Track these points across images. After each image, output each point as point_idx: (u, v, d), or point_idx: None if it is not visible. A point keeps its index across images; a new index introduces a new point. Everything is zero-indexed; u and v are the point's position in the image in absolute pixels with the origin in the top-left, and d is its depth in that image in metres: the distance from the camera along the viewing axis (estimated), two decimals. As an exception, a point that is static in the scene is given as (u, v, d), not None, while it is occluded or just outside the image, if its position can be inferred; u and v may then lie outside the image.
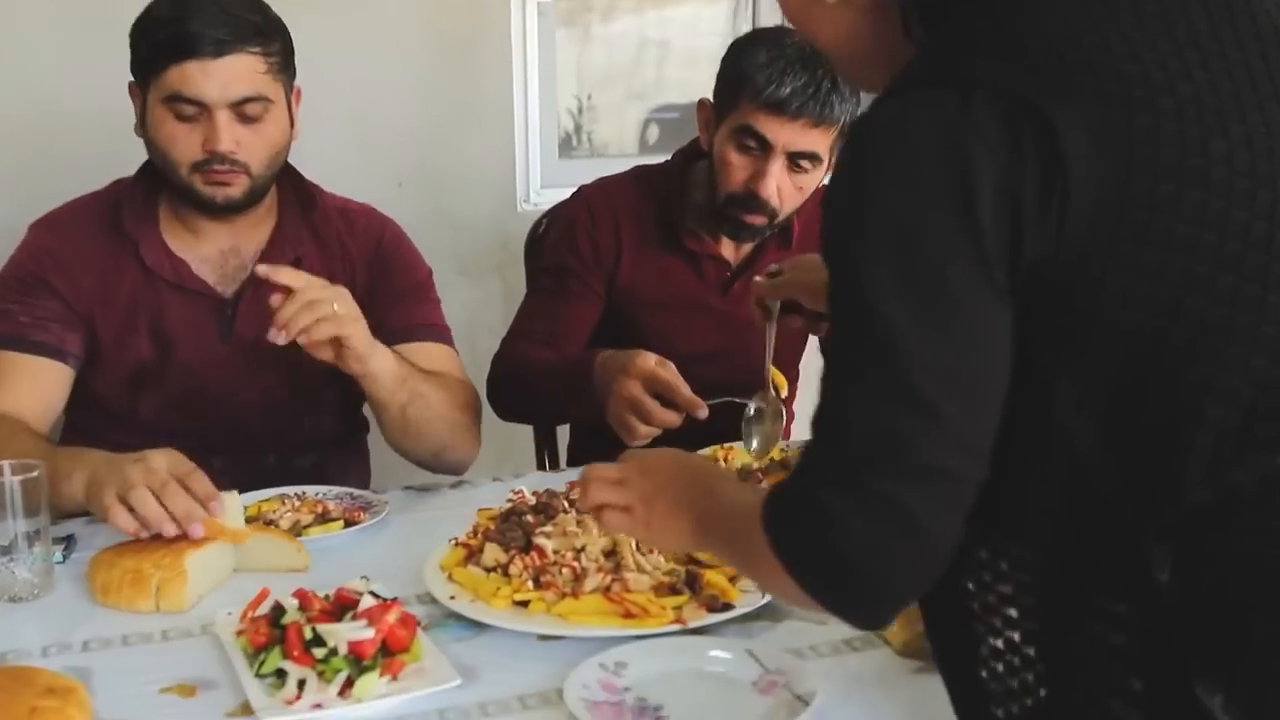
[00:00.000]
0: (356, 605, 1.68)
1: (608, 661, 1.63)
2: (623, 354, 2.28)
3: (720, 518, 1.41)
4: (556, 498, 1.96)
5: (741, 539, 1.30)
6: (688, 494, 1.47)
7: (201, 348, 2.26)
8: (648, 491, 1.50)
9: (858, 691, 1.59)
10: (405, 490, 2.31)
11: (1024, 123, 1.10)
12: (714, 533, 1.43)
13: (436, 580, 1.84)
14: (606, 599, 1.73)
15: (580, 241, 2.58)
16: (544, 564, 1.78)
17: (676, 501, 1.48)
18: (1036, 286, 1.13)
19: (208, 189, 2.18)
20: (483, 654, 1.71)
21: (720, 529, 1.41)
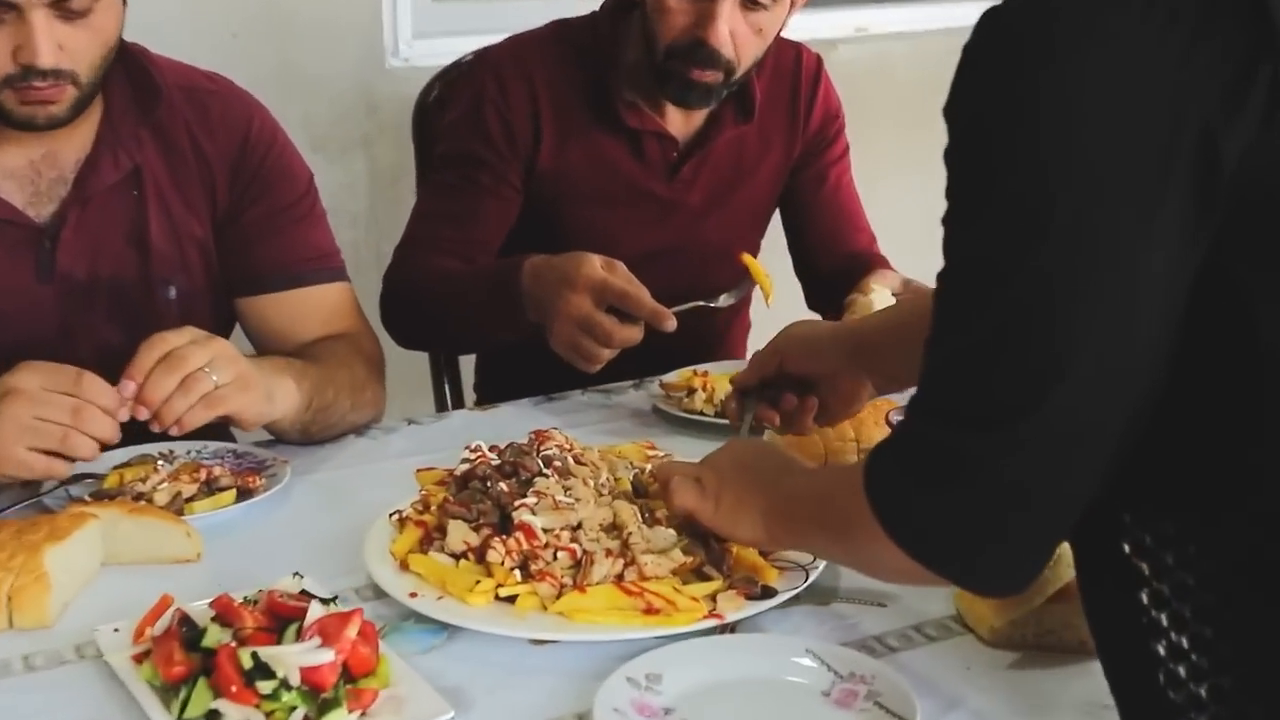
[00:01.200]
0: (302, 616, 1.34)
1: (637, 675, 1.35)
2: (561, 260, 1.97)
3: (796, 499, 1.40)
4: (527, 456, 1.63)
5: (830, 515, 1.30)
6: (754, 480, 1.47)
7: (13, 292, 1.85)
8: (725, 466, 1.50)
9: (948, 693, 1.34)
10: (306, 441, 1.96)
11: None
12: (790, 517, 1.41)
13: (386, 571, 1.51)
14: (620, 590, 1.43)
15: (489, 122, 2.23)
16: (533, 548, 1.46)
17: (744, 490, 1.46)
18: (1238, 201, 1.05)
19: (24, 109, 1.77)
20: (465, 668, 1.40)
21: (798, 511, 1.40)
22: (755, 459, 1.51)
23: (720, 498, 1.46)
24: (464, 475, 1.63)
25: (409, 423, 2.09)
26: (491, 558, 1.47)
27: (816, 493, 1.36)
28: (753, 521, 1.42)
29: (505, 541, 1.48)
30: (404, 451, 1.96)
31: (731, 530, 1.46)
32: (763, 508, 1.42)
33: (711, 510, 1.46)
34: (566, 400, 2.17)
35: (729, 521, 1.45)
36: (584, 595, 1.43)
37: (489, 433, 2.00)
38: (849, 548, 1.29)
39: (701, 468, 1.51)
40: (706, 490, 1.47)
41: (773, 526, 1.41)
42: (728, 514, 1.45)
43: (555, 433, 1.72)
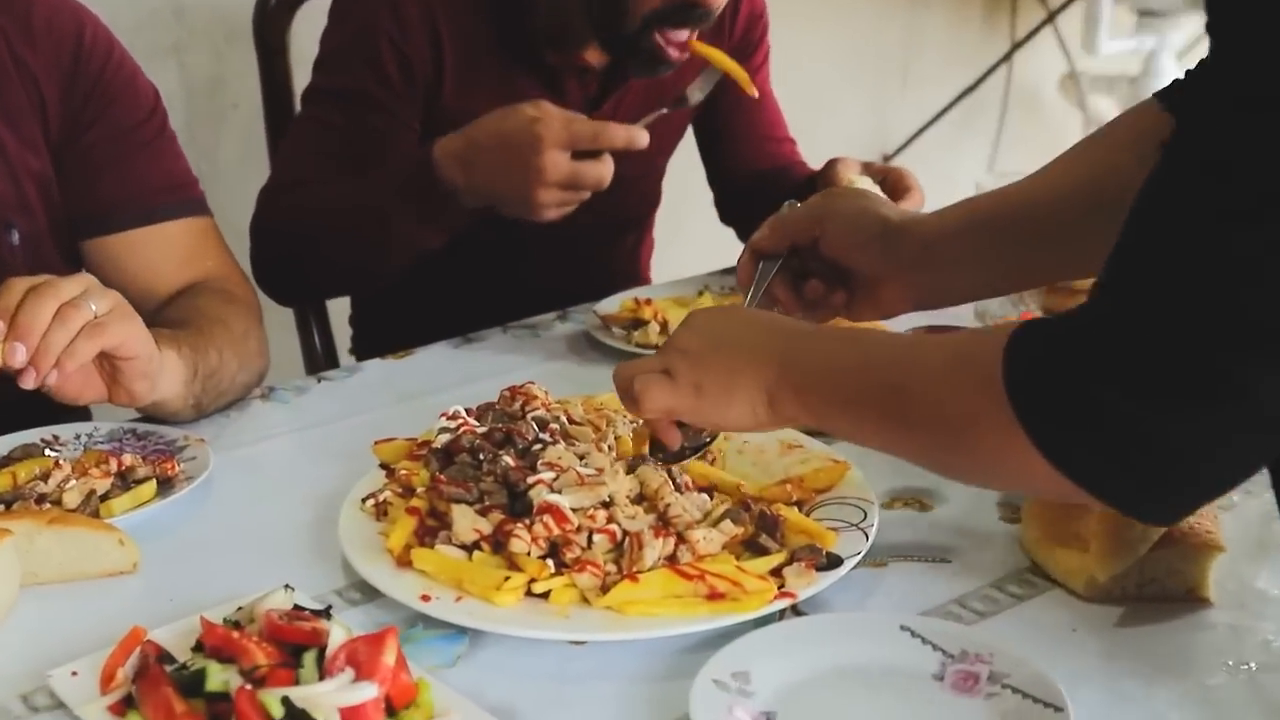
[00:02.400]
0: (318, 642, 1.16)
1: (722, 675, 1.20)
2: (500, 127, 1.79)
3: (841, 371, 1.22)
4: (520, 421, 1.46)
5: (914, 402, 1.15)
6: (749, 350, 1.27)
7: None
8: (696, 345, 1.28)
9: (1068, 663, 1.23)
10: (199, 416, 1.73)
11: None
12: (829, 392, 1.23)
13: (384, 571, 1.33)
14: (676, 574, 1.28)
15: (383, 57, 2.00)
16: (565, 532, 1.30)
17: (735, 364, 1.27)
18: None
19: None
20: (505, 681, 1.25)
21: (845, 386, 1.22)
22: (741, 326, 1.30)
23: (701, 382, 1.26)
24: (447, 448, 1.45)
25: (319, 379, 1.89)
26: (515, 547, 1.30)
27: (884, 368, 1.18)
28: (751, 399, 1.24)
29: (529, 527, 1.31)
30: (329, 415, 1.77)
31: (723, 416, 1.27)
32: (769, 381, 1.23)
33: (692, 399, 1.26)
34: (488, 340, 2.00)
35: (718, 406, 1.26)
36: (636, 584, 1.28)
37: (415, 383, 1.84)
38: (944, 443, 1.14)
39: (665, 355, 1.30)
40: (679, 379, 1.27)
41: (787, 403, 1.23)
42: (716, 398, 1.26)
43: (533, 387, 1.55)
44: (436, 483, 1.39)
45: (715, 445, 1.54)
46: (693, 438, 1.37)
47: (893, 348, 1.23)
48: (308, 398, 1.82)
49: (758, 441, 1.58)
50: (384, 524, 1.42)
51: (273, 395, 1.81)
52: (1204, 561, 1.33)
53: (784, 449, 1.56)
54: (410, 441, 1.54)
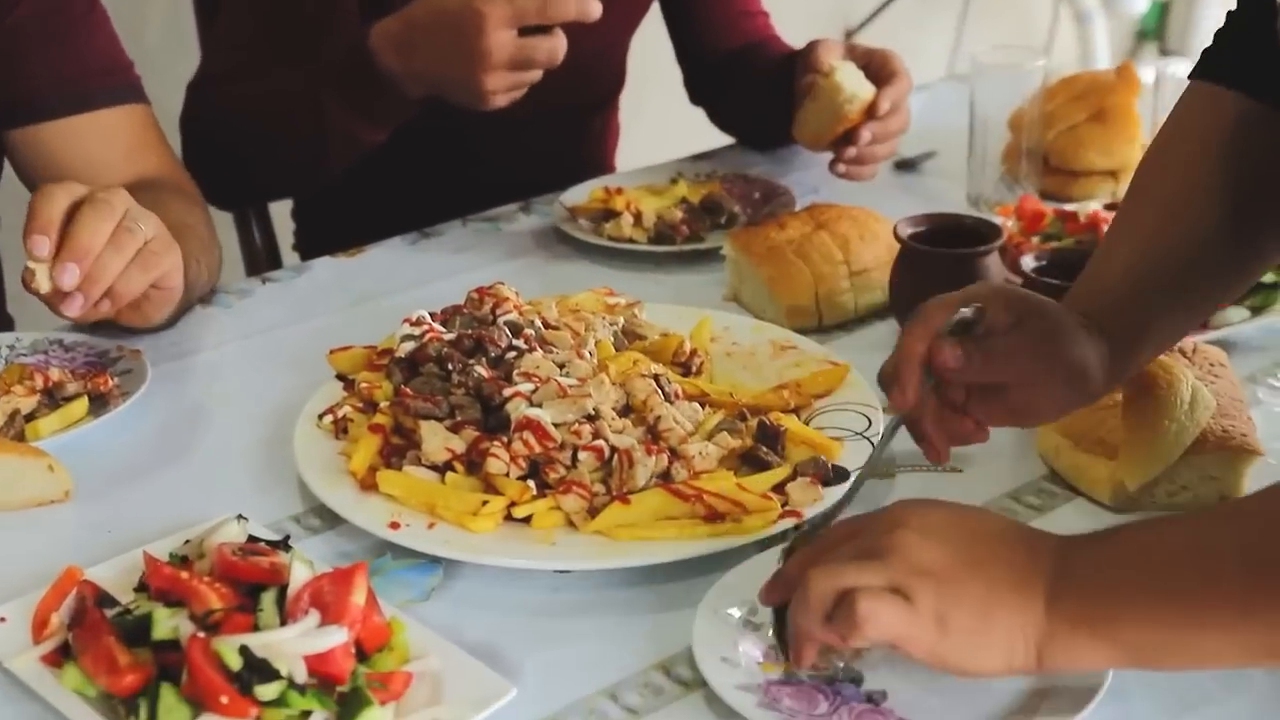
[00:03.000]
0: (279, 581, 1.06)
1: (727, 606, 1.11)
2: (442, 9, 1.66)
3: (1148, 566, 0.96)
4: (492, 326, 1.36)
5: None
6: (1022, 551, 1.00)
7: None
8: (942, 562, 0.99)
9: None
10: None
11: None
12: (1131, 607, 0.96)
13: (346, 496, 1.24)
14: (671, 494, 1.19)
15: None
16: (547, 450, 1.20)
17: (1003, 574, 0.99)
18: None
19: None
20: (486, 617, 1.16)
21: (1163, 587, 0.95)
22: (994, 538, 1.01)
23: (948, 616, 0.97)
24: (411, 357, 1.34)
25: (264, 280, 1.77)
26: (493, 468, 1.20)
27: (1230, 547, 0.94)
28: (1010, 640, 0.97)
29: (507, 445, 1.21)
30: (276, 320, 1.65)
31: (970, 661, 0.98)
32: (1037, 615, 0.97)
33: (932, 634, 0.97)
34: (447, 235, 1.88)
35: (966, 648, 0.97)
36: (627, 507, 1.18)
37: (369, 283, 1.74)
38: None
39: (893, 567, 0.98)
40: (920, 605, 0.97)
41: (1067, 640, 0.96)
42: (965, 638, 0.97)
43: (503, 288, 1.45)
44: (402, 396, 1.29)
45: (701, 348, 1.45)
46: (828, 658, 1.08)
47: (1224, 519, 0.98)
48: (251, 302, 1.71)
49: (748, 344, 1.48)
50: (344, 443, 1.32)
51: (214, 300, 1.70)
52: (1240, 467, 1.25)
53: (776, 350, 1.47)
54: (369, 350, 1.43)
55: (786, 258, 1.59)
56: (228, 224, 2.18)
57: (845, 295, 1.59)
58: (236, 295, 1.72)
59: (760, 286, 1.60)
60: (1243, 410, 1.30)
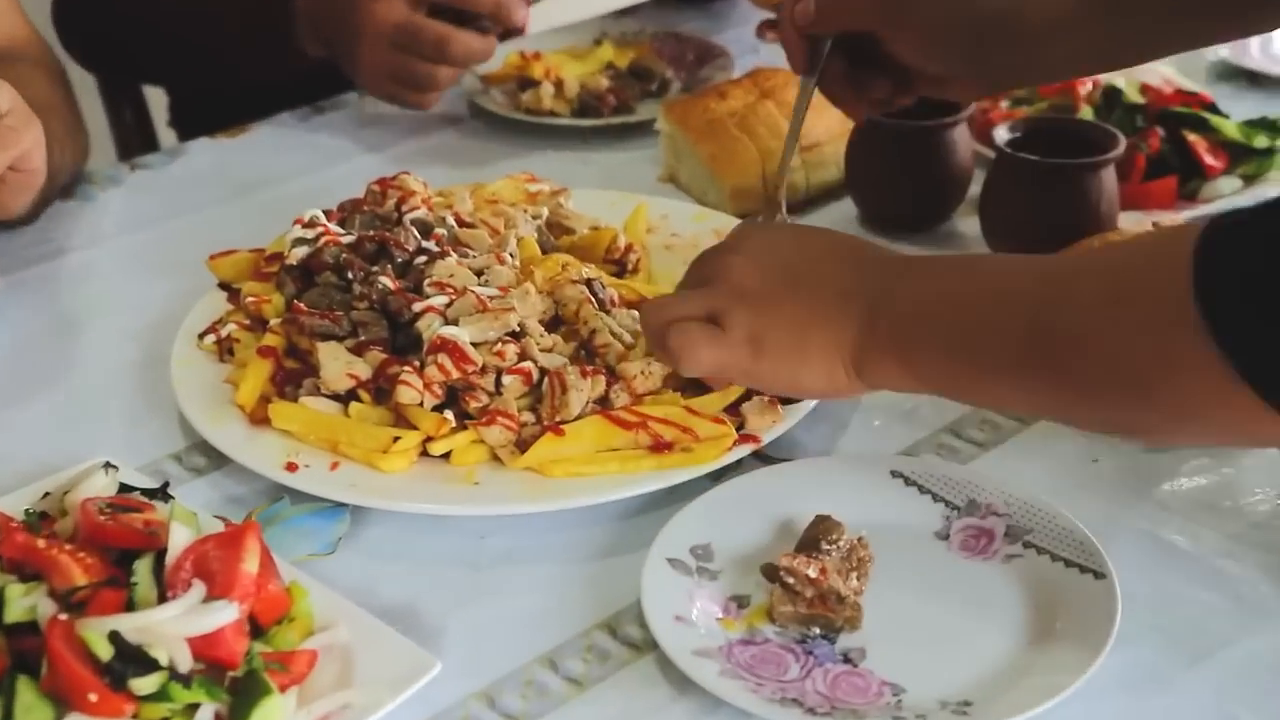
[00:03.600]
0: (159, 543, 0.93)
1: (678, 552, 0.99)
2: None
3: (951, 308, 0.95)
4: (397, 227, 1.21)
5: (1072, 337, 0.87)
6: (844, 273, 1.01)
7: None
8: (755, 284, 1.01)
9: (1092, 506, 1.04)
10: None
11: None
12: (930, 340, 0.96)
13: (233, 433, 1.09)
14: (611, 422, 1.06)
15: None
16: (466, 375, 1.06)
17: (818, 294, 1.00)
18: None
19: None
20: (401, 571, 1.03)
21: (961, 331, 0.95)
22: (817, 257, 1.02)
23: (762, 336, 0.99)
24: (305, 264, 1.19)
25: (133, 167, 1.60)
26: (404, 397, 1.06)
27: (1023, 305, 0.91)
28: (828, 358, 0.98)
29: (419, 370, 1.07)
30: (148, 216, 1.50)
31: (789, 380, 1.01)
32: (853, 335, 0.97)
33: (748, 358, 0.99)
34: (343, 110, 1.72)
35: (784, 368, 0.99)
36: (561, 438, 1.05)
37: (255, 168, 1.60)
38: (1121, 400, 0.87)
39: (712, 294, 1.01)
40: (733, 330, 0.99)
41: (879, 363, 0.97)
42: (781, 358, 0.99)
43: (409, 179, 1.30)
44: (295, 313, 1.14)
45: (636, 241, 1.31)
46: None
47: (1030, 275, 0.94)
48: (120, 193, 1.54)
49: (690, 234, 1.35)
50: (230, 366, 1.17)
51: (76, 192, 1.53)
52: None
53: (721, 241, 1.33)
54: (256, 254, 1.28)
55: (729, 133, 1.44)
56: (91, 92, 1.99)
57: (797, 174, 1.45)
58: (101, 185, 1.55)
59: (700, 166, 1.45)
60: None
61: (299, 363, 1.14)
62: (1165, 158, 1.42)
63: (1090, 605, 0.93)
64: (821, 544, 0.96)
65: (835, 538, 0.97)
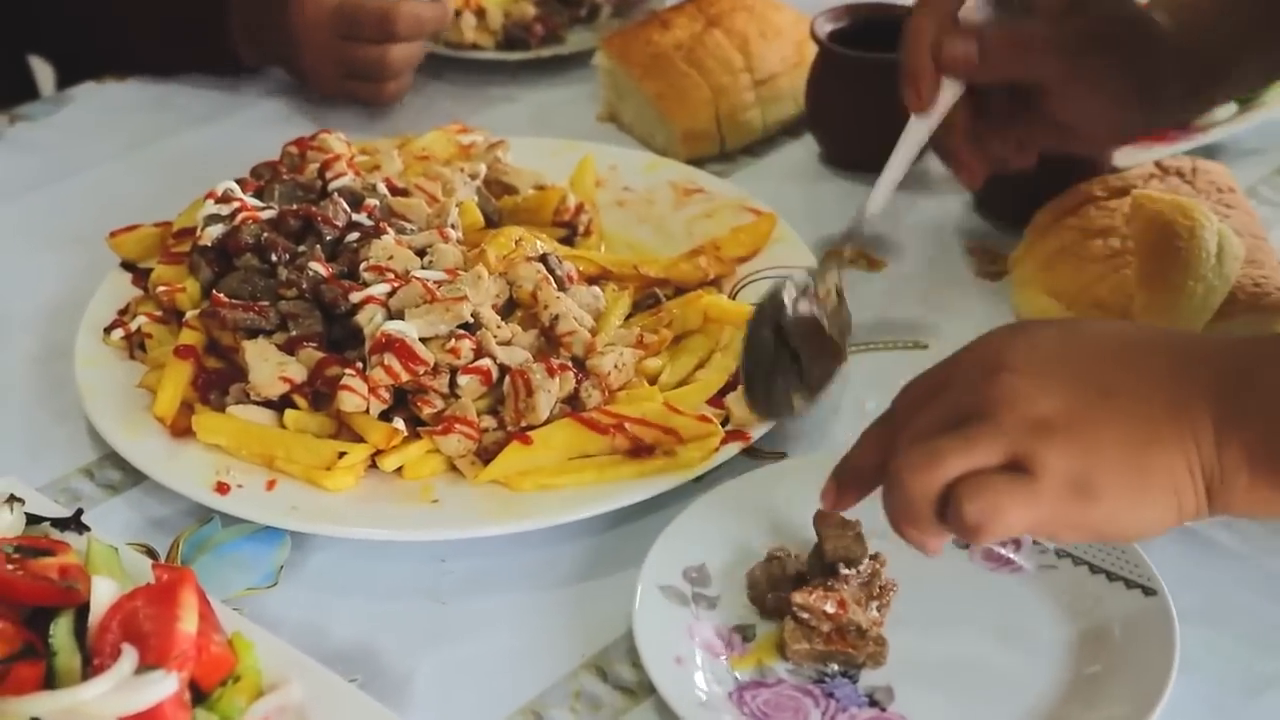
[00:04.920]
0: (76, 601, 0.83)
1: (670, 578, 0.90)
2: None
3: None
4: (326, 200, 1.09)
5: None
6: (1171, 365, 0.78)
7: None
8: (1063, 404, 0.76)
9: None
10: None
11: None
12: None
13: (152, 448, 0.98)
14: (582, 425, 0.96)
15: None
16: (417, 378, 0.96)
17: (1147, 399, 0.77)
18: None
19: None
20: (352, 606, 0.94)
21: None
22: (1122, 350, 0.79)
23: (1087, 476, 0.75)
24: (221, 245, 1.08)
25: (12, 120, 1.46)
26: (347, 404, 0.95)
27: None
28: (1176, 485, 0.75)
29: (362, 373, 0.96)
30: (31, 178, 1.37)
31: (1137, 525, 0.77)
32: (1205, 445, 0.76)
33: (1077, 508, 0.75)
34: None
35: (1128, 513, 0.76)
36: (529, 447, 0.95)
37: (149, 118, 1.45)
38: None
39: (992, 431, 0.76)
40: (1046, 477, 0.75)
41: (1243, 483, 0.75)
42: (1120, 499, 0.75)
43: (330, 139, 1.18)
44: (215, 304, 1.02)
45: (586, 199, 1.20)
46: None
47: None
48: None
49: (642, 188, 1.25)
50: (141, 365, 1.06)
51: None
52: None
53: (679, 196, 1.24)
54: (162, 229, 1.16)
55: (676, 68, 1.34)
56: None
57: (751, 111, 1.35)
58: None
59: (646, 106, 1.35)
60: (1270, 253, 1.10)
61: (221, 361, 1.03)
62: (1155, 86, 1.33)
63: (1142, 630, 0.85)
64: (839, 568, 0.87)
65: (854, 559, 0.88)
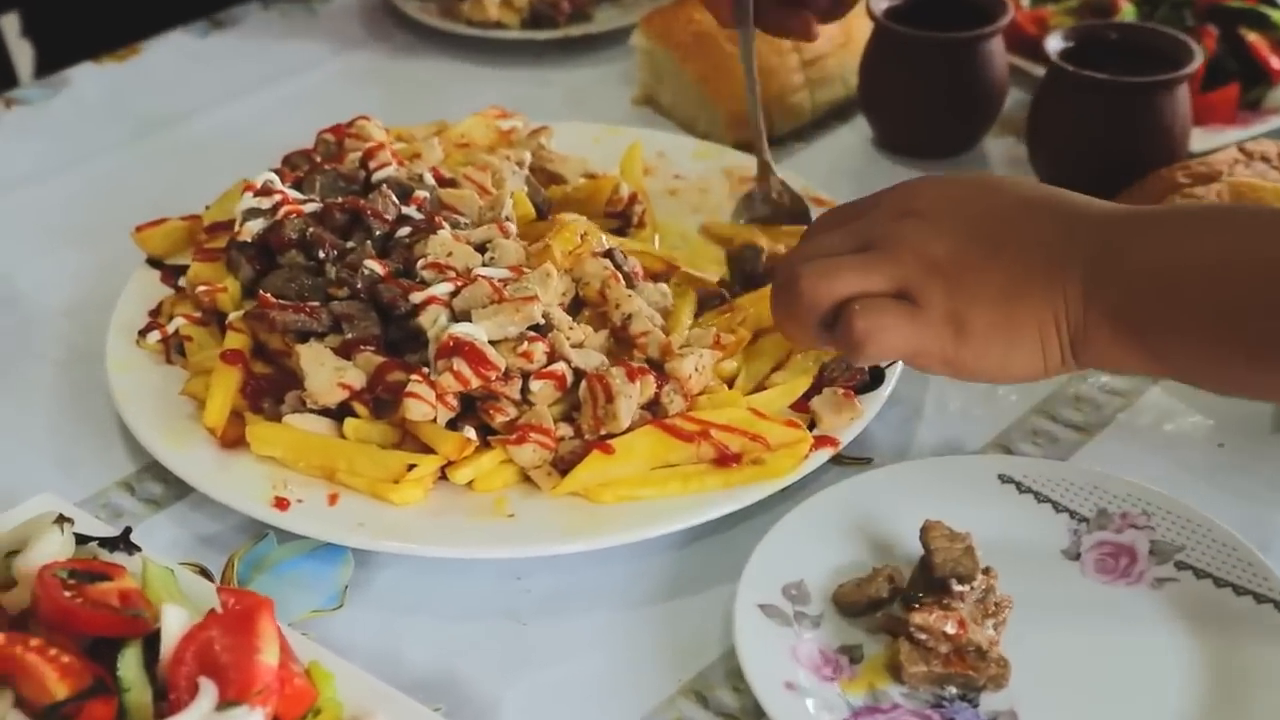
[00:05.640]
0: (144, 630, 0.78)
1: (769, 596, 0.86)
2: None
3: (1190, 272, 0.81)
4: (376, 193, 1.04)
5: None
6: (1055, 228, 0.85)
7: None
8: (950, 250, 0.85)
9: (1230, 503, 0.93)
10: None
11: None
12: (1167, 312, 0.81)
13: (203, 460, 0.94)
14: (665, 432, 0.92)
15: None
16: (488, 383, 0.91)
17: (1026, 257, 0.84)
18: None
19: None
20: (426, 628, 0.90)
21: (1204, 301, 0.80)
22: (1015, 210, 0.86)
23: (964, 315, 0.83)
24: (263, 240, 1.03)
25: (8, 104, 1.40)
26: (415, 413, 0.91)
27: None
28: (1042, 336, 0.83)
29: (429, 378, 0.92)
30: (32, 166, 1.32)
31: (998, 366, 0.84)
32: (1073, 304, 0.82)
33: (950, 342, 0.83)
34: (245, 22, 1.55)
35: (992, 352, 0.83)
36: (610, 456, 0.91)
37: (155, 100, 1.42)
38: None
39: (893, 261, 0.85)
40: (930, 308, 0.84)
41: (1102, 340, 0.82)
42: (989, 339, 0.83)
43: (368, 126, 1.13)
44: (263, 305, 0.97)
45: (639, 189, 1.16)
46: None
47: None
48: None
49: (695, 175, 1.22)
50: (180, 370, 1.01)
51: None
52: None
53: (735, 184, 1.21)
54: (191, 222, 1.11)
55: (720, 49, 1.30)
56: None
57: (799, 94, 1.31)
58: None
59: (688, 88, 1.31)
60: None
61: (269, 366, 0.98)
62: (1221, 62, 1.29)
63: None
64: (951, 584, 0.84)
65: (966, 574, 0.84)
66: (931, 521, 0.86)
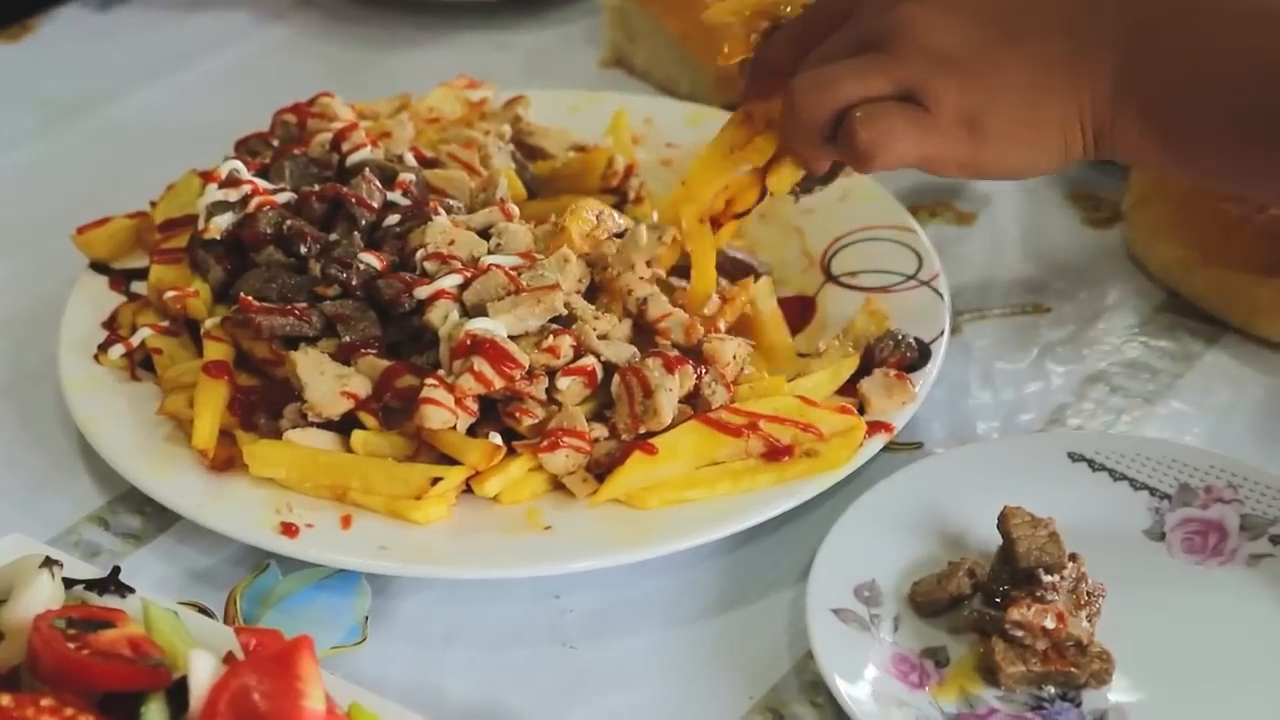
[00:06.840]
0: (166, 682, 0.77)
1: (841, 599, 0.86)
2: None
3: (1219, 65, 0.83)
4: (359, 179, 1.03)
5: None
6: (1080, 13, 0.85)
7: None
8: (962, 39, 0.84)
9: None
10: None
11: None
12: (1194, 105, 0.83)
13: (191, 486, 0.92)
14: (709, 426, 0.91)
15: None
16: (513, 385, 0.90)
17: (1049, 44, 0.85)
18: None
19: None
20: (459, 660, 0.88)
21: (1233, 96, 0.82)
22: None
23: (981, 115, 0.84)
24: (233, 237, 1.00)
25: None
26: (434, 420, 0.89)
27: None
28: (1065, 127, 0.85)
29: (447, 382, 0.90)
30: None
31: (1021, 162, 0.87)
32: (1100, 94, 0.84)
33: (967, 145, 0.85)
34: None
35: (1018, 154, 0.87)
36: (654, 457, 0.90)
37: (59, 84, 1.40)
38: None
39: (902, 58, 0.85)
40: (941, 110, 0.85)
41: (1128, 131, 0.85)
42: (1009, 137, 0.85)
43: (331, 103, 1.11)
44: (246, 309, 0.95)
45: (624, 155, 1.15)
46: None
47: None
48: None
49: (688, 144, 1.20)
50: (151, 388, 0.98)
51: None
52: None
53: (734, 151, 1.19)
54: (137, 220, 1.09)
55: (703, 2, 1.28)
56: None
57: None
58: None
59: (668, 47, 1.30)
60: None
61: (255, 377, 0.96)
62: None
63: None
64: (1039, 574, 0.84)
65: (1054, 563, 0.84)
66: (1011, 508, 0.86)
